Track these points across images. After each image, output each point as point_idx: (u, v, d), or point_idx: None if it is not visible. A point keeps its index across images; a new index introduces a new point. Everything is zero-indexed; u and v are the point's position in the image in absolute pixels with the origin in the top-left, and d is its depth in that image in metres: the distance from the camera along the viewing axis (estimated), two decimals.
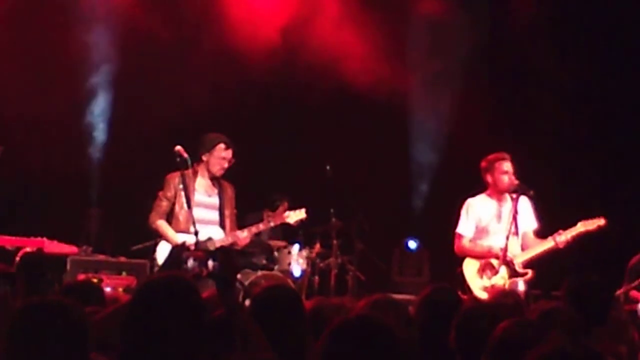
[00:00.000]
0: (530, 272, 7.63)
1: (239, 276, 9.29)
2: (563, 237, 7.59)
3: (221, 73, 10.77)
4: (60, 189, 10.54)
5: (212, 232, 7.78)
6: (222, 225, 7.88)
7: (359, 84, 10.68)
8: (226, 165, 7.81)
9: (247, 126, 10.60)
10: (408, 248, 11.47)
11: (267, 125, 11.17)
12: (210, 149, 7.77)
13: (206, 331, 3.22)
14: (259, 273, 9.56)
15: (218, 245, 7.64)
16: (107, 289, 7.46)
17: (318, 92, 10.82)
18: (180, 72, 10.88)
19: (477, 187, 8.00)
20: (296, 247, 10.10)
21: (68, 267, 8.57)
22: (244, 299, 8.82)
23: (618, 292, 9.22)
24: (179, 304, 3.18)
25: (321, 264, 10.22)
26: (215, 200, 7.90)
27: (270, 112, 11.22)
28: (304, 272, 10.06)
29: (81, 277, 8.27)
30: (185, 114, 10.56)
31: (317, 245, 10.24)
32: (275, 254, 10.17)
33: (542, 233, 7.88)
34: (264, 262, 10.03)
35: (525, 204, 7.77)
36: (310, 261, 10.14)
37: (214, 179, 7.88)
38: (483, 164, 7.83)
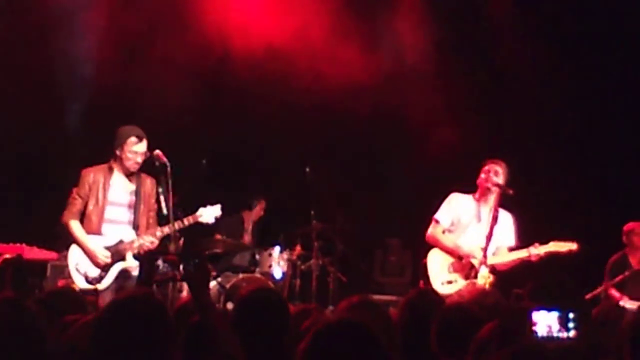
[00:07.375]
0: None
1: (219, 279, 9.29)
2: (537, 251, 7.58)
3: (201, 74, 10.75)
4: (42, 194, 10.48)
5: (123, 233, 7.35)
6: (135, 225, 7.41)
7: (340, 86, 10.68)
8: (139, 159, 7.34)
9: (227, 127, 10.58)
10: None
11: (247, 127, 11.15)
12: (121, 143, 7.32)
13: (174, 348, 3.17)
14: (240, 275, 9.57)
15: (129, 248, 7.24)
16: None
17: (298, 94, 10.81)
18: (160, 70, 10.86)
19: (461, 189, 8.00)
20: (277, 249, 10.11)
21: (48, 272, 8.53)
22: (225, 302, 8.85)
23: (598, 290, 9.31)
24: (146, 326, 3.10)
25: (302, 266, 10.23)
26: (131, 198, 7.44)
27: (249, 114, 11.19)
28: (284, 274, 10.06)
29: (61, 282, 8.21)
30: (164, 115, 10.53)
31: (298, 247, 10.25)
32: (257, 256, 10.17)
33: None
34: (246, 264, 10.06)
35: (507, 220, 7.78)
36: (291, 263, 10.15)
37: (132, 175, 7.43)
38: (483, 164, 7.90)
